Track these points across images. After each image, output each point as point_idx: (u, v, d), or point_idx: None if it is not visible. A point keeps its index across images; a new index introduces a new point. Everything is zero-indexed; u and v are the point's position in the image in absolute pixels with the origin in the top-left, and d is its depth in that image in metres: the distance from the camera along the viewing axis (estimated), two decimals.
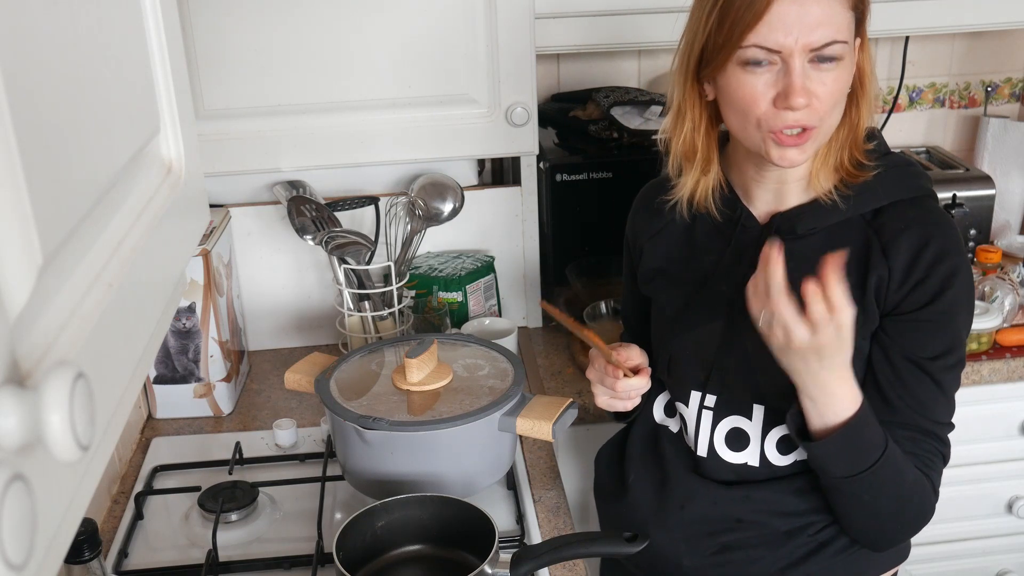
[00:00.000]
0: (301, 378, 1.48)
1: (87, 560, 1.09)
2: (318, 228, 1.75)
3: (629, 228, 1.42)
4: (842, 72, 1.12)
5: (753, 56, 1.11)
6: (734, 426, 1.27)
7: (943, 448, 1.23)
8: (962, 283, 1.17)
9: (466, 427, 1.32)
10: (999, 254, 1.94)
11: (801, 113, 1.11)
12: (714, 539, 1.30)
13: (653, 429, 1.38)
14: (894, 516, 1.22)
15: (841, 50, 1.11)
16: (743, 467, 1.28)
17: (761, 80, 1.12)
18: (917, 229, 1.17)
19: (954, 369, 1.20)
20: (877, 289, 1.17)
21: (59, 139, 0.55)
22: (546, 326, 2.01)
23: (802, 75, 1.10)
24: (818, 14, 1.09)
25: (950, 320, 1.18)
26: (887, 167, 1.22)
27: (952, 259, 1.16)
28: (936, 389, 1.19)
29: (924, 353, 1.18)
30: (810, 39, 1.09)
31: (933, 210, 1.21)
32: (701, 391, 1.28)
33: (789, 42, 1.09)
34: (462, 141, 1.73)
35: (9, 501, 0.41)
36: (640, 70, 2.16)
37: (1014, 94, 2.33)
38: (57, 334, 0.53)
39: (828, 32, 1.10)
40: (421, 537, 1.28)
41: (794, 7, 1.09)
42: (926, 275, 1.16)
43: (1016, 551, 2.03)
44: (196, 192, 0.89)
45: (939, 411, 1.21)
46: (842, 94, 1.14)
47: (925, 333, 1.17)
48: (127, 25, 0.73)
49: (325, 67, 1.65)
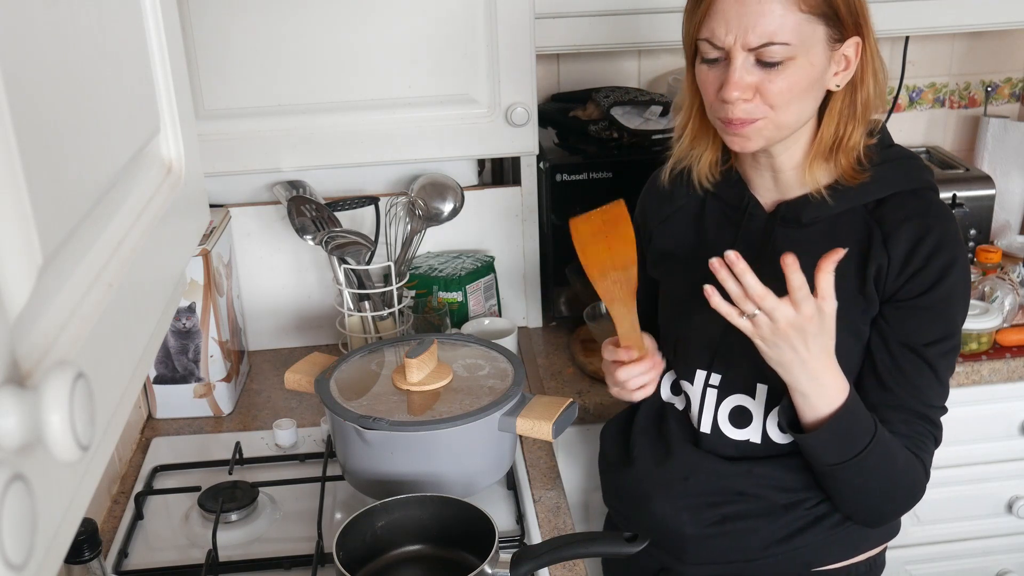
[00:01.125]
0: (301, 378, 1.48)
1: (87, 560, 1.09)
2: (318, 228, 1.75)
3: (639, 212, 1.46)
4: (793, 72, 1.16)
5: (704, 50, 1.19)
6: (737, 404, 1.32)
7: (935, 431, 1.27)
8: (959, 273, 1.22)
9: (466, 427, 1.32)
10: (999, 254, 1.94)
11: (742, 107, 1.17)
12: (715, 510, 1.34)
13: (660, 406, 1.42)
14: (885, 497, 1.26)
15: (784, 52, 1.15)
16: (745, 443, 1.32)
17: (712, 73, 1.20)
18: (917, 220, 1.21)
19: (948, 355, 1.25)
20: (877, 277, 1.22)
21: (59, 139, 0.55)
22: (546, 326, 2.01)
23: (741, 71, 1.16)
24: (757, 11, 1.13)
25: (946, 308, 1.22)
26: (890, 159, 1.26)
27: (950, 250, 1.21)
28: (931, 374, 1.23)
29: (920, 339, 1.22)
30: (747, 39, 1.15)
31: (933, 202, 1.25)
32: (706, 370, 1.33)
33: (729, 40, 1.16)
34: (462, 141, 1.73)
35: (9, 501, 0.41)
36: (640, 70, 2.16)
37: (1014, 94, 2.33)
38: (57, 334, 0.53)
39: (767, 31, 1.14)
40: (421, 537, 1.28)
41: (733, 4, 1.14)
42: (924, 264, 1.20)
43: (1016, 551, 2.03)
44: (196, 192, 0.89)
45: (933, 395, 1.25)
46: (795, 93, 1.17)
47: (922, 320, 1.22)
48: (127, 25, 0.73)
49: (325, 67, 1.65)
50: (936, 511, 1.91)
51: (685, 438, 1.37)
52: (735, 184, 1.32)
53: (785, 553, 1.34)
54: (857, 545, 1.36)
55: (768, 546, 1.34)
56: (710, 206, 1.35)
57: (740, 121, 1.19)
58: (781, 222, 1.28)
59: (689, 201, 1.37)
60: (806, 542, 1.33)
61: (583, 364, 1.84)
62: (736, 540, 1.35)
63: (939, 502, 1.87)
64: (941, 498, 1.88)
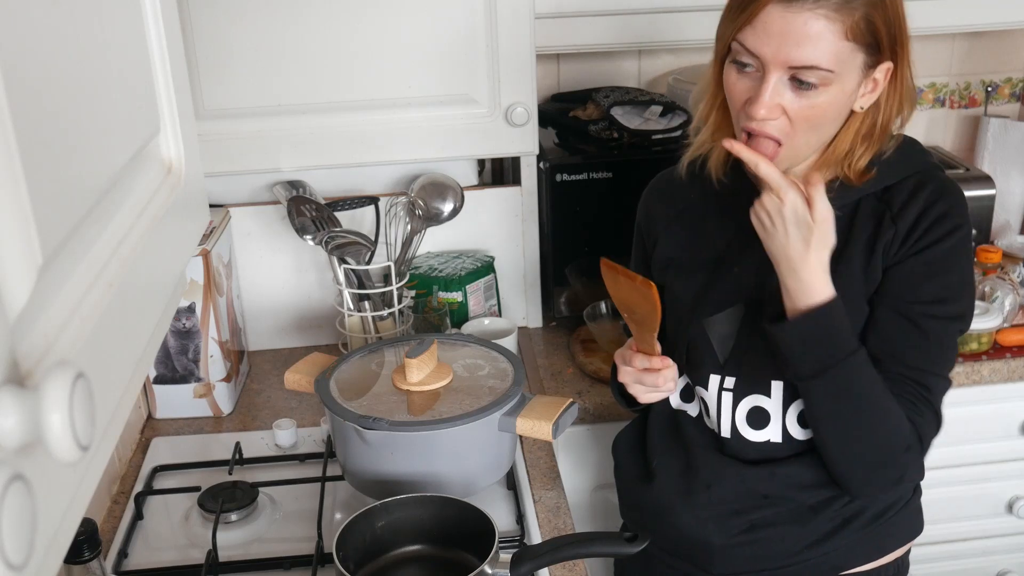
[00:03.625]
0: (301, 378, 1.48)
1: (87, 560, 1.09)
2: (318, 228, 1.75)
3: (642, 215, 1.44)
4: (825, 99, 1.14)
5: (738, 54, 1.16)
6: (755, 405, 1.30)
7: (929, 396, 1.23)
8: (960, 240, 1.21)
9: (466, 427, 1.32)
10: (999, 254, 1.94)
11: (765, 125, 1.16)
12: (742, 517, 1.33)
13: (672, 415, 1.40)
14: (861, 439, 1.22)
15: (822, 78, 1.12)
16: (766, 444, 1.31)
17: (743, 82, 1.17)
18: (925, 194, 1.21)
19: (943, 322, 1.22)
20: (885, 250, 1.22)
21: (59, 139, 0.55)
22: (546, 326, 2.01)
23: (774, 90, 1.14)
24: (803, 32, 1.10)
25: (943, 269, 1.21)
26: (895, 148, 1.24)
27: (954, 218, 1.21)
28: (919, 335, 1.21)
29: (907, 298, 1.21)
30: (788, 56, 1.12)
31: (942, 178, 1.25)
32: (720, 374, 1.31)
33: (767, 52, 1.12)
34: (462, 141, 1.73)
35: (9, 501, 0.41)
36: (640, 70, 2.16)
37: (1014, 94, 2.33)
38: (57, 334, 0.53)
39: (809, 55, 1.11)
40: (421, 537, 1.28)
41: (780, 19, 1.11)
42: (928, 229, 1.20)
43: (1016, 551, 2.03)
44: (196, 192, 0.89)
45: (923, 359, 1.22)
46: (821, 120, 1.16)
47: (914, 279, 1.21)
48: (127, 25, 0.73)
49: (325, 67, 1.65)
50: (936, 511, 1.91)
51: (706, 445, 1.35)
52: (742, 183, 1.31)
53: (814, 558, 1.32)
54: (883, 545, 1.35)
55: (797, 552, 1.32)
56: (717, 207, 1.34)
57: (762, 136, 1.17)
58: None
59: (694, 202, 1.36)
60: (835, 546, 1.32)
61: (583, 364, 1.84)
62: (764, 547, 1.33)
63: (939, 502, 1.87)
64: (941, 498, 1.88)
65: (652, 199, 1.43)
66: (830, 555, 1.33)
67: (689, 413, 1.38)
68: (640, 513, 1.46)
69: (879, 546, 1.35)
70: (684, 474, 1.37)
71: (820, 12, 1.09)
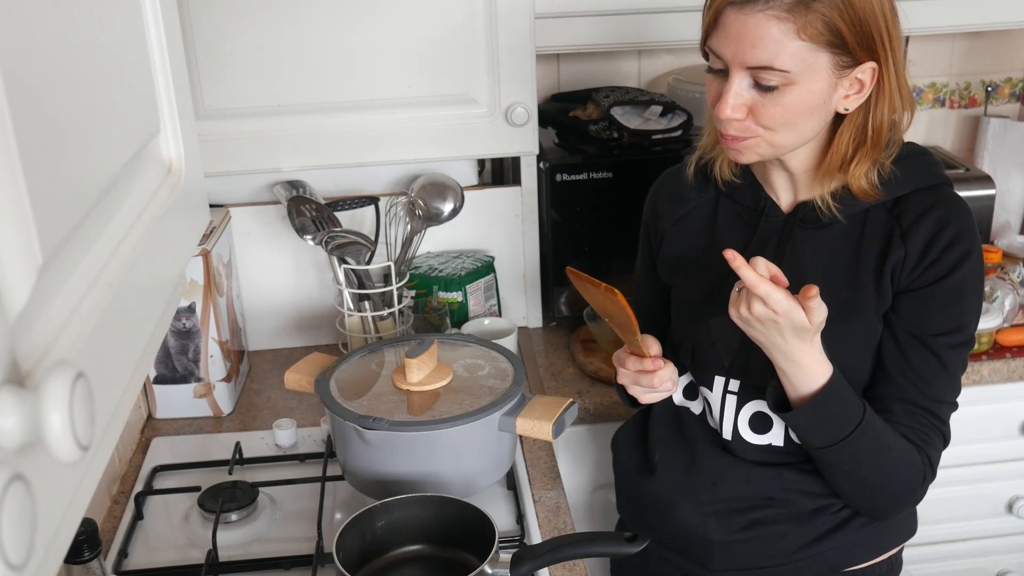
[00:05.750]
0: (301, 378, 1.48)
1: (87, 560, 1.09)
2: (318, 228, 1.75)
3: (649, 214, 1.44)
4: (789, 98, 1.14)
5: (710, 58, 1.18)
6: (757, 410, 1.31)
7: (941, 426, 1.26)
8: (972, 266, 1.21)
9: (466, 427, 1.32)
10: (999, 254, 1.94)
11: (735, 125, 1.17)
12: (744, 515, 1.34)
13: (675, 411, 1.41)
14: (880, 487, 1.26)
15: (780, 78, 1.13)
16: (767, 448, 1.32)
17: (714, 85, 1.19)
18: (936, 214, 1.21)
19: (959, 349, 1.24)
20: (893, 271, 1.22)
21: (59, 139, 0.55)
22: (546, 326, 2.01)
23: (735, 91, 1.15)
24: (756, 34, 1.11)
25: (957, 299, 1.22)
26: (904, 157, 1.24)
27: (966, 242, 1.21)
28: (938, 365, 1.22)
29: (929, 329, 1.22)
30: (744, 57, 1.13)
31: (951, 196, 1.24)
32: (725, 376, 1.32)
33: (728, 54, 1.14)
34: (462, 141, 1.73)
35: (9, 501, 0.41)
36: (640, 70, 2.16)
37: (1014, 94, 2.33)
38: (57, 334, 0.53)
39: (762, 55, 1.12)
40: (421, 537, 1.28)
41: (735, 20, 1.13)
42: (940, 256, 1.20)
43: (1016, 551, 2.03)
44: (196, 192, 0.89)
45: (939, 388, 1.24)
46: (789, 118, 1.16)
47: (931, 309, 1.21)
48: (127, 25, 0.73)
49: (325, 67, 1.65)
50: (936, 511, 1.91)
51: (710, 442, 1.36)
52: (751, 185, 1.31)
53: (813, 557, 1.33)
54: (880, 544, 1.36)
55: (796, 550, 1.33)
56: (724, 208, 1.34)
57: (732, 137, 1.19)
58: (800, 223, 1.27)
59: (703, 202, 1.36)
60: (833, 545, 1.33)
61: (583, 364, 1.84)
62: (764, 545, 1.34)
63: (939, 502, 1.87)
64: (941, 498, 1.88)
65: (660, 197, 1.43)
66: (828, 554, 1.33)
67: (692, 411, 1.38)
68: (639, 508, 1.46)
69: (877, 545, 1.36)
70: (688, 470, 1.37)
71: (771, 13, 1.10)
